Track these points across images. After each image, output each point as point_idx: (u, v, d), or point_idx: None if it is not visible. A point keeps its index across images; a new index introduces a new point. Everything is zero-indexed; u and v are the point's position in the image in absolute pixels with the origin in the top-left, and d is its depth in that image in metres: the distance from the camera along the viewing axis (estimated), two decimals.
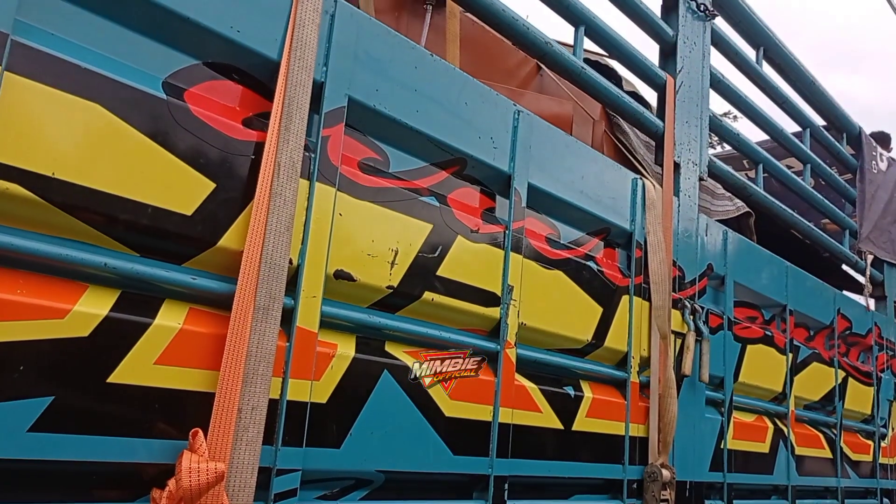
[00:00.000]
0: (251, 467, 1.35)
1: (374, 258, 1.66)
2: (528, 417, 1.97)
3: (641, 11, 2.76)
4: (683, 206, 2.75)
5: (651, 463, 2.33)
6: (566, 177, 2.21)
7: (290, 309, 1.48)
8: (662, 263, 2.48)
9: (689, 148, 2.87)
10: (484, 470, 1.83)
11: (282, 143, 1.49)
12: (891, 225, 4.61)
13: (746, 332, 3.01)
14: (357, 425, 1.58)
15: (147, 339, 1.29)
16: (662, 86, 2.82)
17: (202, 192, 1.39)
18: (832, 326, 3.71)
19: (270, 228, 1.44)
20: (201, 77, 1.45)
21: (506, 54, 3.03)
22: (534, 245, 2.06)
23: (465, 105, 1.93)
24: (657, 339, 2.43)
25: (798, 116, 3.96)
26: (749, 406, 3.03)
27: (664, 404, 2.39)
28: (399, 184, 1.76)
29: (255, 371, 1.38)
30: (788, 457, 3.19)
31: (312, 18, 1.58)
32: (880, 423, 4.11)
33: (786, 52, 3.76)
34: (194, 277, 1.38)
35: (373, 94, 1.70)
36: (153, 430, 1.29)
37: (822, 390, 3.59)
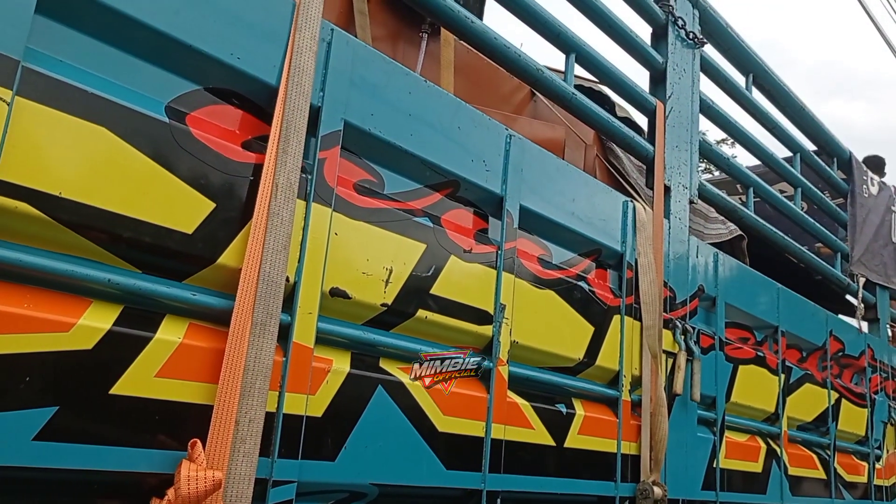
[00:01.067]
0: (248, 478, 1.39)
1: (368, 277, 1.71)
2: (520, 434, 2.01)
3: (631, 39, 2.84)
4: (674, 229, 2.80)
5: (643, 480, 2.36)
6: (557, 199, 2.27)
7: (286, 325, 1.53)
8: (653, 284, 2.53)
9: (679, 172, 2.94)
10: (476, 485, 1.87)
11: (280, 165, 1.54)
12: (882, 248, 4.66)
13: (738, 353, 3.05)
14: (352, 439, 1.62)
15: (148, 352, 1.34)
16: (652, 111, 2.89)
17: (202, 212, 1.44)
18: (825, 348, 3.75)
19: (268, 247, 1.50)
20: (202, 102, 1.52)
21: (500, 81, 3.11)
22: (526, 265, 2.12)
23: (458, 129, 1.99)
24: (648, 358, 2.48)
25: (788, 141, 4.03)
26: (741, 426, 3.06)
27: (655, 422, 2.43)
28: (393, 205, 1.81)
29: (252, 384, 1.43)
30: (782, 477, 3.21)
31: (310, 46, 1.65)
32: (874, 445, 4.13)
33: (775, 79, 3.84)
34: (194, 293, 1.43)
35: (368, 118, 1.76)
36: (153, 441, 1.33)
37: (815, 411, 3.62)
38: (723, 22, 3.42)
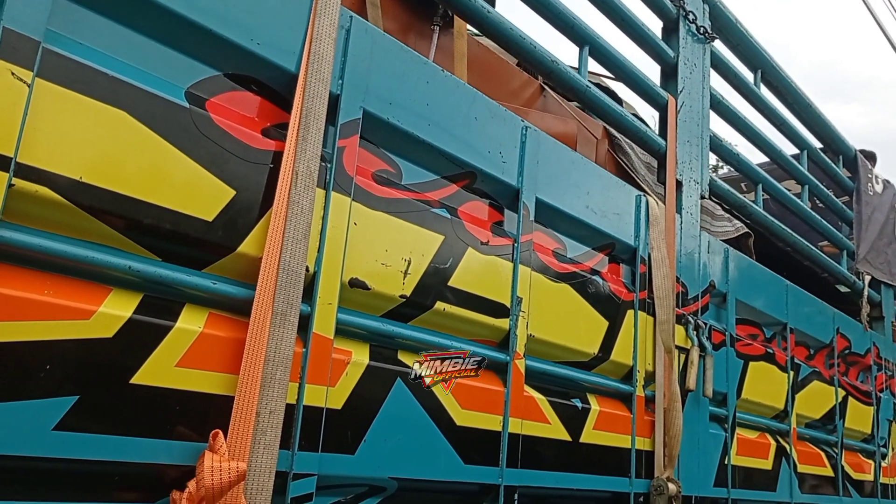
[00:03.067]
0: (269, 471, 1.37)
1: (387, 267, 1.69)
2: (536, 428, 1.98)
3: (643, 33, 2.82)
4: (686, 224, 2.78)
5: (657, 476, 2.34)
6: (572, 192, 2.24)
7: (306, 315, 1.50)
8: (666, 279, 2.50)
9: (690, 167, 2.92)
10: (494, 479, 1.85)
11: (299, 153, 1.52)
12: (887, 246, 4.65)
13: (748, 349, 3.04)
14: (371, 432, 1.60)
15: (169, 341, 1.31)
16: (664, 105, 2.87)
17: (223, 199, 1.42)
18: (832, 345, 3.74)
19: (288, 236, 1.47)
20: (222, 87, 1.49)
21: (510, 75, 3.08)
22: (541, 258, 2.09)
23: (474, 120, 1.97)
24: (662, 353, 2.46)
25: (795, 138, 4.02)
26: (752, 423, 3.05)
27: (669, 418, 2.40)
28: (411, 195, 1.79)
29: (272, 375, 1.40)
30: (791, 474, 3.20)
31: (329, 33, 1.62)
32: (880, 443, 4.12)
33: (783, 75, 3.83)
34: (214, 282, 1.41)
35: (386, 107, 1.74)
36: (174, 432, 1.30)
37: (822, 409, 3.61)
38: (732, 17, 3.40)
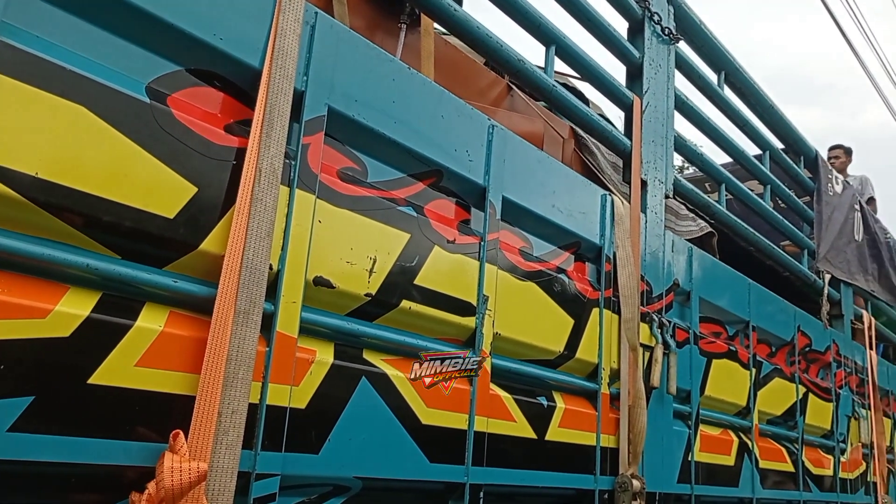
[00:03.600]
0: (231, 471, 1.35)
1: (352, 266, 1.68)
2: (502, 426, 1.99)
3: (609, 33, 2.84)
4: (650, 223, 2.81)
5: (622, 473, 2.36)
6: (539, 191, 2.25)
7: (270, 314, 1.49)
8: (631, 277, 2.52)
9: (655, 166, 2.94)
10: (460, 478, 1.84)
11: (263, 150, 1.50)
12: (846, 246, 4.74)
13: (711, 347, 3.07)
14: (335, 431, 1.58)
15: (128, 340, 1.29)
16: (630, 106, 2.90)
17: (184, 196, 1.40)
18: (793, 343, 3.80)
19: (251, 233, 1.45)
20: (184, 83, 1.47)
21: (477, 74, 3.08)
22: (508, 257, 2.10)
23: (441, 118, 1.96)
24: (627, 351, 2.47)
25: (758, 139, 4.08)
26: (715, 419, 3.08)
27: (634, 415, 2.42)
28: (377, 193, 1.78)
29: (235, 375, 1.38)
30: (753, 470, 3.24)
31: (294, 28, 1.61)
32: (839, 439, 4.20)
33: (746, 77, 3.88)
34: (175, 280, 1.39)
35: (352, 104, 1.73)
36: (133, 433, 1.28)
37: (783, 405, 3.67)
38: (696, 19, 3.44)
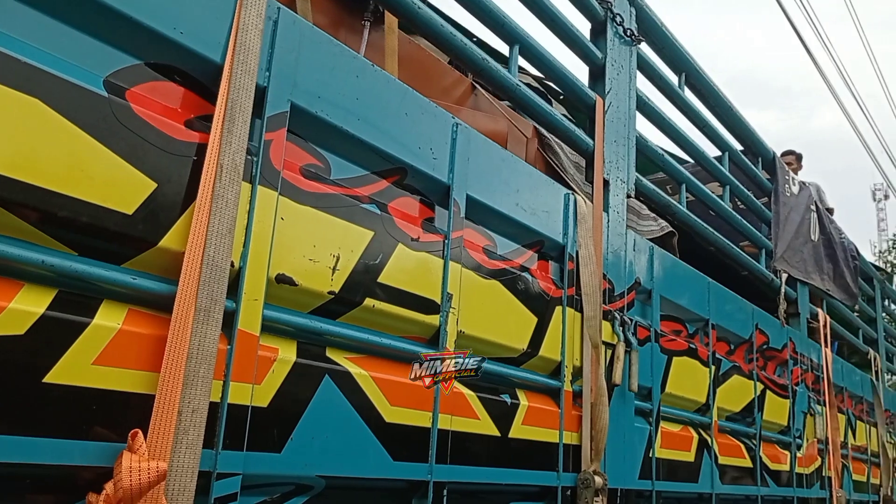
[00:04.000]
0: (191, 471, 1.33)
1: (315, 263, 1.66)
2: (466, 424, 1.99)
3: (572, 33, 2.86)
4: (612, 222, 2.84)
5: (584, 470, 2.38)
6: (503, 190, 2.26)
7: (231, 312, 1.47)
8: (593, 276, 2.55)
9: (617, 166, 2.97)
10: (423, 476, 1.84)
11: (224, 146, 1.48)
12: (802, 245, 4.84)
13: (672, 345, 3.11)
14: (298, 430, 1.57)
15: (85, 339, 1.26)
16: (592, 106, 2.92)
17: (143, 192, 1.37)
18: (751, 341, 3.87)
19: (212, 230, 1.43)
20: (143, 77, 1.44)
21: (441, 73, 3.09)
22: (472, 255, 2.10)
23: (405, 116, 1.96)
24: (589, 348, 2.50)
25: (718, 140, 4.14)
26: (675, 416, 3.13)
27: (596, 412, 2.45)
28: (340, 190, 1.77)
29: (195, 373, 1.37)
30: (712, 466, 3.29)
31: (256, 23, 1.59)
32: (796, 435, 4.28)
33: (706, 79, 3.94)
34: (134, 278, 1.36)
35: (315, 100, 1.71)
36: (90, 432, 1.25)
37: (742, 402, 3.73)
38: (658, 21, 3.48)
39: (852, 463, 5.20)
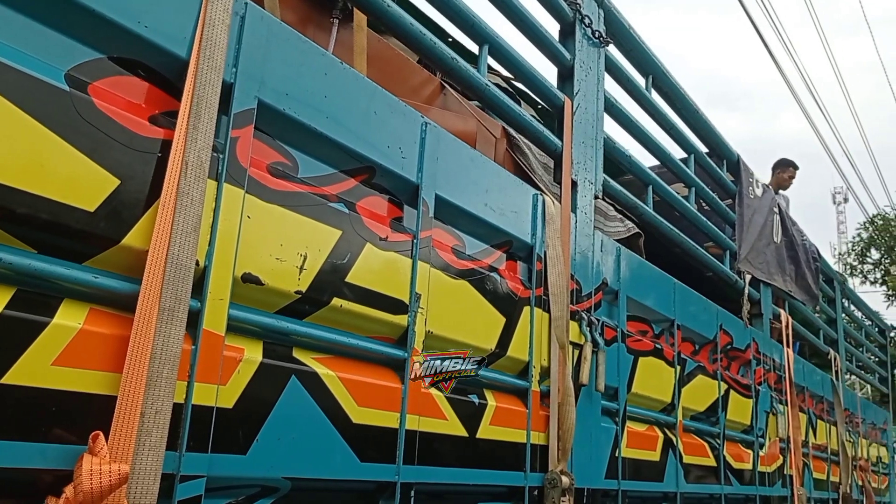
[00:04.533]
0: (154, 473, 1.31)
1: (282, 262, 1.64)
2: (434, 425, 1.98)
3: (542, 35, 2.87)
4: (580, 223, 2.85)
5: (551, 470, 2.39)
6: (472, 190, 2.26)
7: (196, 311, 1.45)
8: (561, 276, 2.56)
9: (585, 167, 2.99)
10: (390, 477, 1.83)
11: (190, 142, 1.46)
12: (766, 247, 4.92)
13: (638, 345, 3.14)
14: (264, 431, 1.55)
15: (44, 339, 1.23)
16: (561, 107, 2.93)
17: (106, 189, 1.34)
18: (715, 341, 3.92)
19: (177, 228, 1.41)
20: (106, 71, 1.41)
21: (411, 72, 3.08)
22: (441, 255, 2.09)
23: (374, 114, 1.95)
24: (556, 349, 2.50)
25: (683, 142, 4.18)
26: (641, 416, 3.15)
27: (563, 412, 2.45)
28: (308, 189, 1.75)
29: (159, 374, 1.34)
30: (677, 465, 3.33)
31: (223, 19, 1.57)
32: (758, 434, 4.35)
33: (672, 81, 3.98)
34: (96, 276, 1.33)
35: (283, 97, 1.69)
36: (49, 435, 1.22)
37: (706, 401, 3.77)
38: (626, 23, 3.51)
39: (813, 461, 5.29)
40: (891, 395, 9.04)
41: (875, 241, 20.47)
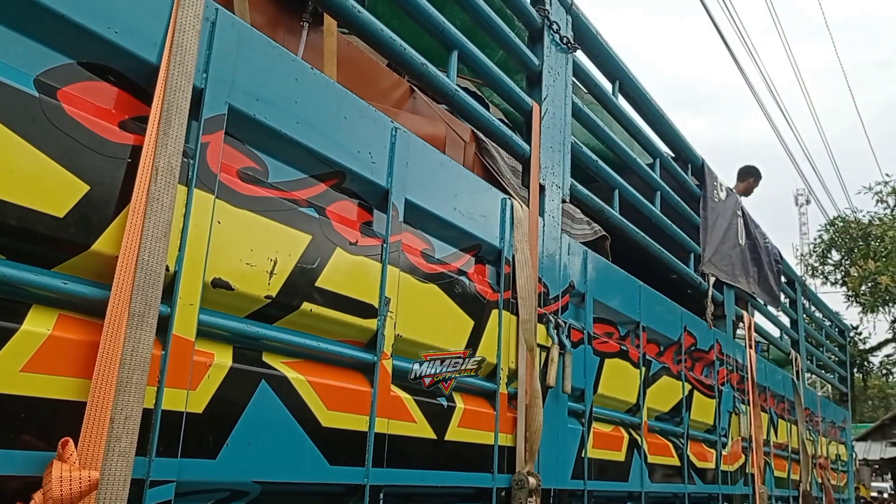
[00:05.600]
0: (123, 478, 1.31)
1: (252, 267, 1.65)
2: (402, 427, 2.00)
3: (510, 40, 2.90)
4: (548, 227, 2.89)
5: (518, 471, 2.42)
6: (441, 194, 2.28)
7: (166, 317, 1.45)
8: (529, 279, 2.59)
9: (553, 172, 3.03)
10: (360, 480, 1.85)
11: (160, 148, 1.46)
12: (730, 250, 5.01)
13: (604, 347, 3.19)
14: (233, 436, 1.56)
15: (13, 345, 1.23)
16: (529, 112, 2.97)
17: (75, 195, 1.34)
18: (680, 342, 3.99)
19: (147, 234, 1.41)
20: (76, 77, 1.41)
21: (380, 75, 3.09)
22: (410, 259, 2.11)
23: (344, 119, 1.96)
24: (524, 351, 2.54)
25: (649, 147, 4.25)
26: (607, 417, 3.20)
27: (531, 414, 2.49)
28: (278, 194, 1.76)
29: (128, 379, 1.34)
30: (642, 465, 3.38)
31: (193, 24, 1.57)
32: (721, 433, 4.43)
33: (639, 87, 4.04)
34: (65, 282, 1.33)
35: (253, 103, 1.70)
36: (18, 441, 1.22)
37: (671, 402, 3.84)
38: (593, 30, 3.56)
39: (774, 460, 5.40)
40: (850, 393, 9.25)
41: (835, 242, 20.90)
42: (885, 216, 19.88)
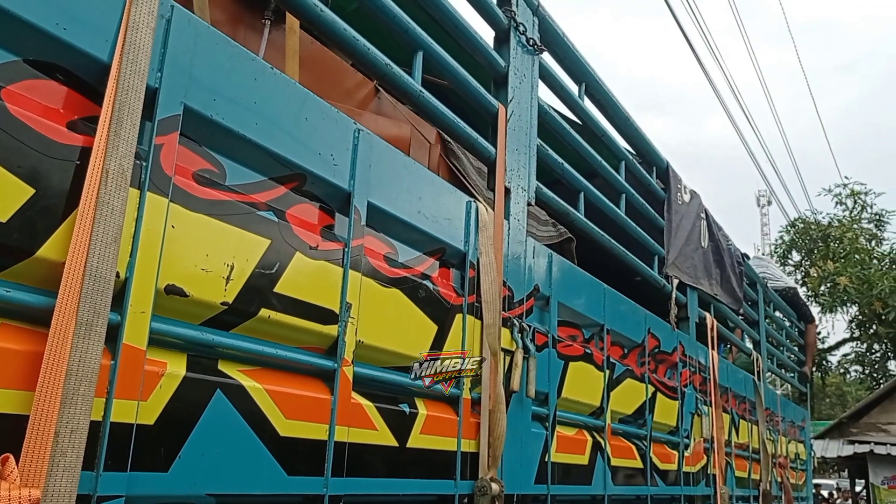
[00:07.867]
0: (69, 495, 1.26)
1: (208, 273, 1.60)
2: (363, 435, 1.96)
3: (476, 41, 2.87)
4: (513, 230, 2.87)
5: (481, 477, 2.39)
6: (405, 197, 2.25)
7: (116, 325, 1.40)
8: (494, 283, 2.57)
9: (518, 174, 3.01)
10: (319, 490, 1.81)
11: (111, 150, 1.41)
12: (693, 252, 5.05)
13: (569, 350, 3.18)
14: (187, 447, 1.51)
15: None
16: (495, 114, 2.94)
17: (19, 198, 1.28)
18: (643, 345, 4.00)
19: (96, 239, 1.36)
20: (21, 75, 1.35)
21: (344, 75, 3.05)
22: (372, 263, 2.08)
23: (305, 121, 1.92)
24: (488, 356, 2.51)
25: (615, 150, 4.25)
26: (571, 420, 3.19)
27: (494, 419, 2.47)
28: (236, 197, 1.71)
29: (75, 391, 1.29)
30: (605, 468, 3.38)
31: (147, 21, 1.52)
32: (684, 435, 4.46)
33: (604, 89, 4.04)
34: (7, 290, 1.28)
35: (210, 103, 1.65)
36: None
37: (634, 404, 3.85)
38: (560, 31, 3.54)
39: (735, 460, 5.45)
40: (808, 393, 9.40)
41: (796, 244, 21.26)
42: (843, 218, 20.28)
